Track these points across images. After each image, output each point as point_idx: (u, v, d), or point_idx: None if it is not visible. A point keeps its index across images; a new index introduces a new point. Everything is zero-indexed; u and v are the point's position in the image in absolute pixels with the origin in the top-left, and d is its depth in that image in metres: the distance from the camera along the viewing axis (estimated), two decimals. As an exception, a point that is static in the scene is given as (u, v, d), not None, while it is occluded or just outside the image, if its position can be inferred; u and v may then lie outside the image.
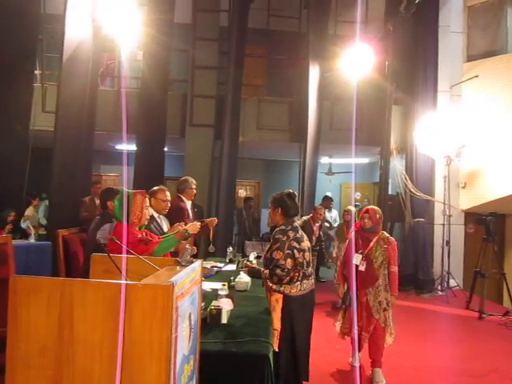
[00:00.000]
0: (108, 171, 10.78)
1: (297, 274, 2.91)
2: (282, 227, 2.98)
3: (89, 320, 1.43)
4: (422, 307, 6.76)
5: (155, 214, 3.86)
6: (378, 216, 3.88)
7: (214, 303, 2.70)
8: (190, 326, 1.79)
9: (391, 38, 7.48)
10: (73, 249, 3.83)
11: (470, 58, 8.30)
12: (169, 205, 3.99)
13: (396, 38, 7.59)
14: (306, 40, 8.10)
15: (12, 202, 6.34)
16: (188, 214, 4.70)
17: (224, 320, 2.59)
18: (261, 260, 3.46)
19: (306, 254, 2.99)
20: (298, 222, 3.16)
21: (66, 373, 1.42)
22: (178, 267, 1.90)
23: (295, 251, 2.90)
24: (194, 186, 4.89)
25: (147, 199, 2.99)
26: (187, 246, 2.02)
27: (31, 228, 6.43)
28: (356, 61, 7.13)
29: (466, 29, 8.36)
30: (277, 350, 2.71)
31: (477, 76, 7.86)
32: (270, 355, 2.19)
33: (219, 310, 2.56)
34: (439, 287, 7.57)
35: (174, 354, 1.52)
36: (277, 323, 2.83)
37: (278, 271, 2.84)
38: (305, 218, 6.55)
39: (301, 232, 3.04)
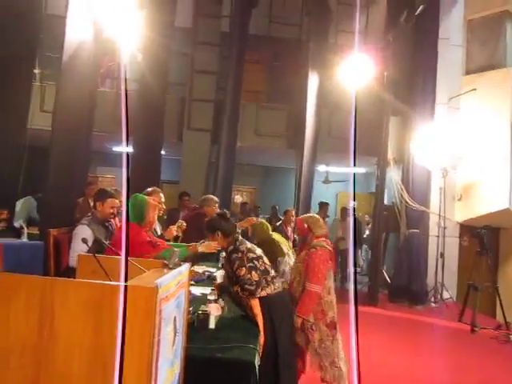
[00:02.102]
0: (104, 173, 10.76)
1: (263, 285, 2.87)
2: (231, 247, 2.96)
3: (69, 320, 1.41)
4: (414, 319, 6.73)
5: None
6: (305, 225, 3.41)
7: (203, 308, 2.67)
8: (174, 329, 1.77)
9: (391, 49, 7.52)
10: (63, 248, 3.80)
11: (469, 71, 8.35)
12: (164, 207, 4.00)
13: (396, 49, 7.62)
14: (306, 48, 8.13)
15: (5, 201, 6.30)
16: None
17: (212, 325, 2.56)
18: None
19: (264, 259, 3.00)
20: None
21: (45, 374, 1.39)
22: (165, 270, 1.88)
23: (255, 261, 2.89)
24: (216, 205, 5.05)
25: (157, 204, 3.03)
26: (175, 249, 2.00)
27: (24, 227, 6.38)
28: (355, 70, 7.15)
29: (465, 42, 8.41)
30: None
31: (475, 89, 7.89)
32: (256, 362, 2.16)
33: (207, 315, 2.53)
34: (432, 299, 7.55)
35: (155, 357, 1.49)
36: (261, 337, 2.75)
37: (247, 286, 2.82)
38: (277, 223, 6.44)
39: (248, 243, 3.06)
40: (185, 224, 4.16)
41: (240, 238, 3.05)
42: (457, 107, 8.23)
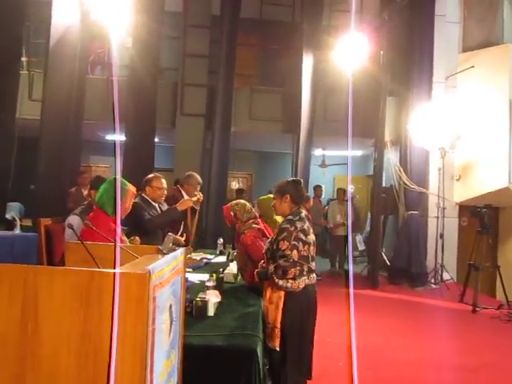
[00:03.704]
0: (98, 162, 10.60)
1: (299, 269, 2.67)
2: (290, 217, 2.80)
3: (55, 311, 1.30)
4: (415, 300, 6.68)
5: (152, 203, 3.84)
6: (232, 214, 3.38)
7: (201, 295, 2.58)
8: (170, 318, 1.67)
9: (386, 28, 7.35)
10: (56, 239, 3.69)
11: (466, 48, 8.19)
12: (165, 192, 3.94)
13: (391, 28, 7.45)
14: (300, 30, 7.95)
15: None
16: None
17: (210, 312, 2.47)
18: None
19: (311, 247, 2.79)
20: None
21: (30, 368, 1.29)
22: (159, 255, 1.78)
23: (300, 243, 2.70)
24: (198, 187, 4.65)
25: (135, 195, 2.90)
26: (169, 234, 1.89)
27: (17, 219, 6.26)
28: (350, 51, 6.99)
29: (462, 19, 8.24)
30: (277, 348, 2.62)
31: (472, 67, 7.75)
32: (259, 350, 2.07)
33: (205, 302, 2.44)
34: (432, 280, 7.50)
35: (150, 348, 1.39)
36: (277, 320, 2.67)
37: (282, 261, 2.64)
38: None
39: (308, 223, 2.84)
40: (201, 196, 4.13)
41: (303, 214, 2.85)
42: (454, 86, 8.09)
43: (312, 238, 2.81)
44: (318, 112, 8.09)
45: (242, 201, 3.55)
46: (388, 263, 8.08)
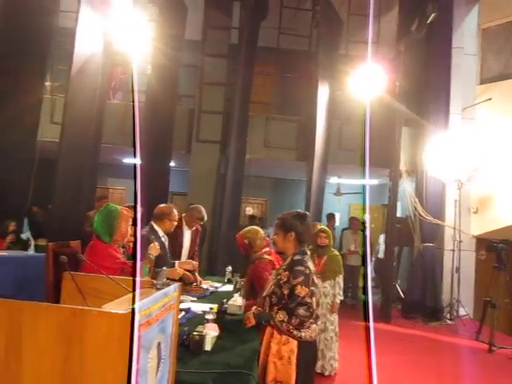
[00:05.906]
0: (115, 184, 10.77)
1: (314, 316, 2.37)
2: (298, 257, 2.43)
3: (38, 347, 1.30)
4: (429, 337, 6.47)
5: (160, 233, 3.80)
6: (246, 241, 3.29)
7: (199, 328, 2.55)
8: (158, 356, 1.65)
9: (403, 59, 7.36)
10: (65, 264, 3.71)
11: (484, 80, 8.14)
12: (175, 223, 3.95)
13: (408, 59, 7.46)
14: (316, 59, 8.03)
15: (14, 213, 6.30)
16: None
17: (207, 347, 2.42)
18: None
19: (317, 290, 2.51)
20: None
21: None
22: (153, 290, 1.77)
23: (315, 288, 2.37)
24: (198, 222, 4.56)
25: (131, 217, 2.89)
26: (163, 268, 1.89)
27: (31, 239, 6.36)
28: (367, 81, 7.03)
29: (479, 51, 8.22)
30: None
31: (490, 99, 7.68)
32: (251, 389, 2.02)
33: (202, 337, 2.40)
34: (448, 316, 7.27)
35: (132, 388, 1.37)
36: (292, 377, 2.29)
37: (302, 311, 2.26)
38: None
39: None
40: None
41: (309, 253, 2.52)
42: (471, 117, 8.02)
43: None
44: (333, 140, 8.09)
45: (255, 227, 3.48)
46: (402, 295, 7.89)
